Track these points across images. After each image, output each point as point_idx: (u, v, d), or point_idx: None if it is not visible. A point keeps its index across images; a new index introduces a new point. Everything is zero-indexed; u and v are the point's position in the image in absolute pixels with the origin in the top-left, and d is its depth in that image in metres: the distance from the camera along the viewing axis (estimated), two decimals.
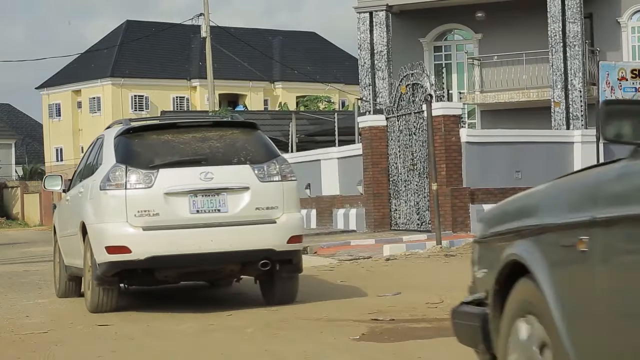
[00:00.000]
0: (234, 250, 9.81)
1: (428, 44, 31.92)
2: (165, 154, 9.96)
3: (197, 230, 9.72)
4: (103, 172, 10.01)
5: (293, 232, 10.02)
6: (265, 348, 7.80)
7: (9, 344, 8.58)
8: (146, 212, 9.67)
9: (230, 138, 10.24)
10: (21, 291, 13.51)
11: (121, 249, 9.67)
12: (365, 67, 30.52)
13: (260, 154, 10.13)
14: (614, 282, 3.26)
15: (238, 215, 9.84)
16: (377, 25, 30.36)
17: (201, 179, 9.77)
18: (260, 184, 9.93)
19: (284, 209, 10.00)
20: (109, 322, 9.69)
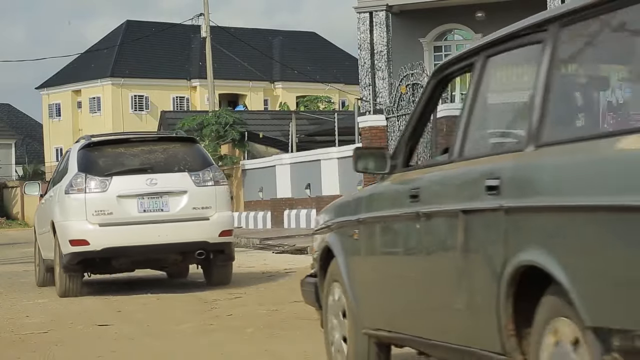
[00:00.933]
0: (175, 242, 11.93)
1: (428, 44, 31.93)
2: (118, 164, 12.11)
3: (144, 226, 11.81)
4: (68, 179, 12.06)
5: (224, 227, 12.14)
6: (265, 348, 7.81)
7: (9, 344, 8.58)
8: (102, 211, 11.79)
9: (172, 150, 12.42)
10: (21, 291, 13.51)
11: (81, 241, 11.75)
12: (365, 67, 30.52)
13: (197, 164, 12.23)
14: (369, 257, 5.45)
15: (178, 213, 11.97)
16: (377, 25, 30.36)
17: (147, 184, 11.91)
18: (197, 188, 12.04)
19: (217, 208, 12.10)
20: (109, 322, 9.71)
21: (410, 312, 5.04)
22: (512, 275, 3.93)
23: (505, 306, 4.01)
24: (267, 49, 66.37)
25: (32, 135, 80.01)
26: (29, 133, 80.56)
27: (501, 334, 4.05)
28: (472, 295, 4.29)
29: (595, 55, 4.03)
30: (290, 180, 28.03)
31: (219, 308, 10.45)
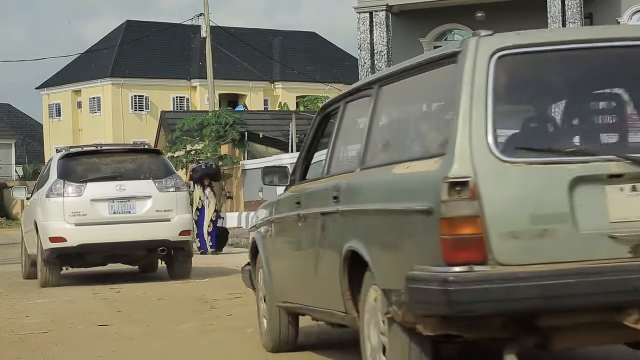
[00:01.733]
0: (140, 240, 13.65)
1: (428, 44, 31.93)
2: (92, 172, 13.88)
3: (113, 226, 13.54)
4: (48, 185, 13.76)
5: (183, 228, 13.91)
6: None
7: (9, 344, 8.59)
8: (77, 213, 13.49)
9: (139, 160, 14.22)
10: (21, 291, 13.52)
11: (59, 238, 13.42)
12: (365, 67, 30.52)
13: (161, 172, 14.04)
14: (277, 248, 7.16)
15: (143, 215, 13.67)
16: (377, 25, 30.37)
17: (117, 190, 13.66)
18: (160, 194, 13.81)
19: (177, 211, 13.87)
20: (109, 322, 9.71)
21: (298, 287, 6.75)
22: (344, 258, 5.59)
23: (343, 279, 5.68)
24: (267, 49, 66.35)
25: (32, 135, 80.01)
26: (29, 133, 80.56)
27: (343, 298, 5.72)
28: (326, 272, 5.95)
29: (395, 106, 5.74)
30: None
31: (219, 308, 10.46)
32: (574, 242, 4.58)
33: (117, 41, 66.60)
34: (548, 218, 4.57)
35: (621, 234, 4.61)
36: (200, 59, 60.46)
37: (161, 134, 41.24)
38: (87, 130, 67.89)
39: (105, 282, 14.18)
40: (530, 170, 4.59)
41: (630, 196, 4.66)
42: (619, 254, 4.59)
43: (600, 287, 4.51)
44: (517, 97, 5.03)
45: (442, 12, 31.18)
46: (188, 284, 13.46)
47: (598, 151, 4.73)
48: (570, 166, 4.62)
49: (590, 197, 4.63)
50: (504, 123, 4.78)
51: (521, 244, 4.54)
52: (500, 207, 4.55)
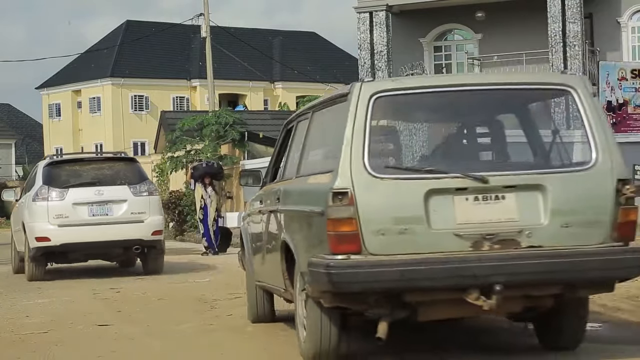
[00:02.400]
0: (117, 239, 14.99)
1: (428, 44, 31.92)
2: (74, 178, 15.21)
3: (93, 227, 14.89)
4: (35, 190, 15.16)
5: (155, 228, 15.27)
6: (265, 348, 7.82)
7: (9, 344, 8.59)
8: (60, 215, 14.83)
9: (116, 168, 15.63)
10: (21, 291, 13.52)
11: (44, 238, 14.81)
12: (365, 67, 30.52)
13: (135, 179, 15.42)
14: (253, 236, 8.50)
15: (119, 217, 15.00)
16: (377, 25, 30.37)
17: (96, 195, 14.99)
18: (134, 198, 15.15)
19: (150, 213, 15.22)
20: (109, 322, 9.71)
21: (262, 269, 8.16)
22: (281, 247, 7.10)
23: (282, 263, 7.15)
24: (267, 49, 66.32)
25: (32, 135, 79.99)
26: (29, 133, 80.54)
27: (283, 278, 7.21)
28: (274, 258, 7.43)
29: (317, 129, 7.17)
30: None
31: (219, 308, 10.45)
32: (428, 238, 6.10)
33: (117, 41, 66.57)
34: (407, 220, 6.09)
35: (465, 233, 6.13)
36: (200, 59, 60.44)
37: (161, 134, 41.22)
38: (87, 130, 67.86)
39: (105, 282, 14.19)
40: (395, 184, 6.15)
41: (473, 205, 6.17)
42: (463, 248, 6.11)
43: (447, 273, 6.03)
44: (388, 128, 6.74)
45: (442, 12, 31.17)
46: (188, 284, 13.46)
47: (448, 170, 6.20)
48: (426, 181, 6.15)
49: (441, 205, 6.14)
50: (377, 148, 6.32)
51: (387, 239, 6.09)
52: (371, 211, 6.10)
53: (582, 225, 6.19)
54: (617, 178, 6.24)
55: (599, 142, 6.38)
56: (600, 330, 8.18)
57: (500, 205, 6.18)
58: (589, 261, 6.14)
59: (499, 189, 6.18)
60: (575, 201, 6.20)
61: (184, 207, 32.08)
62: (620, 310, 9.04)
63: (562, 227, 6.17)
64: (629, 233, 6.27)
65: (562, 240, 6.17)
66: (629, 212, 6.24)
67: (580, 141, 6.53)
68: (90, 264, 17.07)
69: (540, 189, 6.20)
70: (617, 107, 20.94)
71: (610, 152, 6.34)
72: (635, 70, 21.40)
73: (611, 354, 7.07)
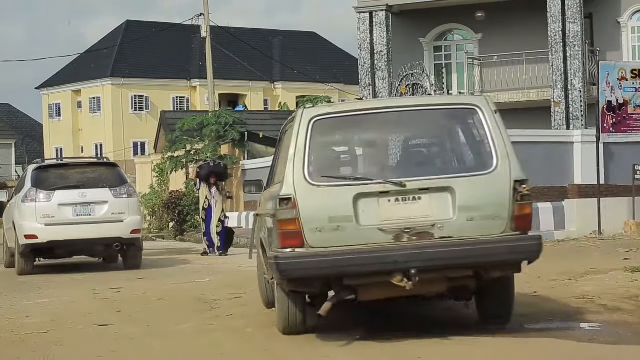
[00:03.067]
0: (99, 237, 16.39)
1: (428, 44, 31.91)
2: (59, 181, 16.53)
3: (77, 226, 16.22)
4: (24, 192, 16.57)
5: (134, 227, 16.58)
6: (265, 348, 7.82)
7: (9, 344, 8.59)
8: (47, 215, 16.20)
9: (98, 172, 16.97)
10: (21, 291, 13.52)
11: (33, 236, 16.22)
12: (365, 67, 30.51)
13: (116, 182, 16.74)
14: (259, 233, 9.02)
15: (101, 217, 16.35)
16: (377, 25, 30.35)
17: (79, 197, 16.34)
18: (115, 199, 16.48)
19: (129, 214, 16.57)
20: (109, 322, 9.71)
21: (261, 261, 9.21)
22: (260, 243, 8.78)
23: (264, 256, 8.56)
24: (267, 49, 66.32)
25: (32, 135, 79.97)
26: (29, 133, 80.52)
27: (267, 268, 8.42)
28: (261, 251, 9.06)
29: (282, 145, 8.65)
30: None
31: (219, 308, 10.45)
32: (357, 233, 7.46)
33: (117, 41, 66.56)
34: (340, 219, 7.47)
35: (387, 228, 7.48)
36: (200, 59, 60.44)
37: (161, 134, 41.21)
38: (87, 130, 67.87)
39: (105, 282, 14.19)
40: (329, 190, 7.55)
41: (394, 205, 7.53)
42: (386, 240, 7.48)
43: (373, 260, 7.40)
44: (325, 145, 7.88)
45: (442, 12, 31.16)
46: (188, 284, 13.46)
47: (373, 178, 7.59)
48: (354, 187, 7.53)
49: (368, 206, 7.50)
50: (315, 161, 7.64)
51: (324, 235, 7.48)
52: (310, 213, 7.48)
53: (485, 218, 7.52)
54: (514, 180, 7.58)
55: (499, 150, 7.65)
56: (601, 330, 8.19)
57: (417, 204, 7.55)
58: (490, 247, 7.48)
59: (415, 191, 7.54)
60: (479, 199, 7.52)
61: (184, 207, 32.07)
62: (620, 310, 9.05)
63: (467, 221, 7.49)
64: (525, 224, 7.64)
65: (469, 232, 7.50)
66: (524, 207, 7.61)
67: (483, 150, 7.72)
68: (75, 260, 17.18)
69: (450, 190, 7.54)
70: (617, 107, 20.89)
71: (509, 158, 7.64)
72: (635, 70, 21.34)
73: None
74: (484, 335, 7.94)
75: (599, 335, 7.86)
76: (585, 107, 27.87)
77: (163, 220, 34.85)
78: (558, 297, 10.00)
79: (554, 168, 21.87)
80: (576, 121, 27.70)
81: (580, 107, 27.87)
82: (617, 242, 17.47)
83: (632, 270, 11.79)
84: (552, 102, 28.20)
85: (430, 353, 7.34)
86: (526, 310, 9.13)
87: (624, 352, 7.25)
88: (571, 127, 27.31)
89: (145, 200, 36.92)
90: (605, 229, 19.63)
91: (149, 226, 36.85)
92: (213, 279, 14.01)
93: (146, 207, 37.00)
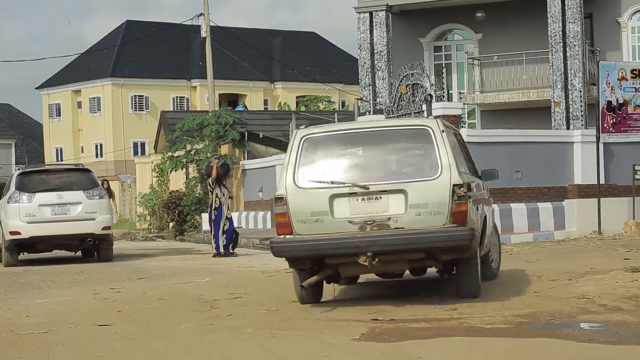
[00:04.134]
0: (74, 233, 19.15)
1: (428, 44, 31.91)
2: (40, 185, 19.33)
3: (55, 223, 19.00)
4: (9, 194, 19.30)
5: (104, 224, 19.36)
6: (265, 348, 7.81)
7: (9, 344, 8.58)
8: (29, 214, 19.06)
9: (74, 177, 19.79)
10: (21, 291, 13.52)
11: (17, 232, 19.01)
12: (365, 67, 30.50)
13: (89, 185, 19.55)
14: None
15: (76, 216, 19.10)
16: (377, 25, 30.34)
17: (57, 198, 19.15)
18: (88, 200, 19.27)
19: (100, 213, 19.34)
20: (109, 322, 9.71)
21: None
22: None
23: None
24: (267, 49, 66.34)
25: (32, 135, 79.97)
26: (29, 133, 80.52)
27: None
28: None
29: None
30: None
31: (219, 308, 10.45)
32: (332, 224, 9.76)
33: (117, 41, 66.58)
34: (319, 213, 9.78)
35: (355, 220, 9.73)
36: (200, 59, 60.42)
37: (161, 134, 41.21)
38: (87, 130, 67.87)
39: (105, 282, 14.19)
40: (312, 191, 9.89)
41: (360, 203, 9.78)
42: (353, 229, 9.73)
43: (342, 245, 9.67)
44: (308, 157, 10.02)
45: (442, 12, 31.15)
46: (188, 284, 13.46)
47: (345, 182, 9.83)
48: (330, 190, 9.83)
49: (340, 203, 9.81)
50: (303, 170, 9.95)
51: (307, 225, 9.84)
52: (297, 208, 9.85)
53: (430, 214, 9.65)
54: (453, 184, 9.62)
55: (444, 162, 9.75)
56: (601, 330, 8.19)
57: (378, 203, 9.77)
58: (432, 236, 9.60)
59: (376, 192, 9.77)
60: (426, 199, 9.67)
61: (184, 207, 32.07)
62: (620, 310, 9.05)
63: (416, 216, 9.64)
64: (462, 218, 9.60)
65: (417, 224, 9.64)
66: (460, 205, 9.61)
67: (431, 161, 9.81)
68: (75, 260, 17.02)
69: (403, 192, 9.71)
70: (617, 107, 20.88)
71: (450, 168, 9.71)
72: (635, 70, 21.33)
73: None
74: (484, 336, 7.94)
75: (599, 335, 7.87)
76: (585, 107, 27.87)
77: (163, 220, 34.86)
78: (558, 297, 10.00)
79: (554, 168, 21.88)
80: (576, 121, 27.70)
81: (580, 107, 27.87)
82: (617, 242, 17.46)
83: (632, 270, 11.79)
84: (552, 102, 28.19)
85: (430, 353, 7.34)
86: (526, 310, 9.13)
87: (624, 352, 7.25)
88: (571, 127, 27.31)
89: (145, 200, 36.95)
90: (605, 229, 19.63)
91: (149, 226, 36.87)
92: (213, 279, 14.00)
93: (146, 207, 37.02)
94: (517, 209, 20.07)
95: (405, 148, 10.02)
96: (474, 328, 8.36)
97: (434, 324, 8.68)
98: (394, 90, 22.29)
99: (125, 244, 28.22)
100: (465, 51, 31.63)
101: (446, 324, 8.68)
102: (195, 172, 33.66)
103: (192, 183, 33.36)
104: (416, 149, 9.96)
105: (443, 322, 8.74)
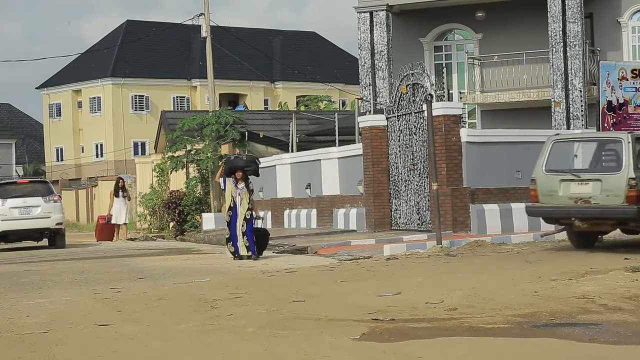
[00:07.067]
0: (35, 228, 26.19)
1: (428, 43, 31.91)
2: (11, 193, 26.44)
3: (21, 220, 25.98)
4: None
5: (58, 221, 26.33)
6: (265, 348, 7.81)
7: (9, 344, 8.58)
8: (3, 215, 25.95)
9: (36, 186, 27.09)
10: (21, 291, 13.51)
11: None
12: (366, 67, 30.51)
13: (46, 192, 26.67)
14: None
15: (36, 215, 26.07)
16: (378, 25, 30.35)
17: (23, 202, 26.19)
18: (45, 204, 26.24)
19: (54, 213, 26.34)
20: (109, 322, 9.70)
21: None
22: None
23: None
24: (267, 48, 66.34)
25: (32, 135, 79.97)
26: (29, 133, 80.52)
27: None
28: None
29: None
30: (291, 180, 28.01)
31: (219, 308, 10.44)
32: (559, 198, 14.95)
33: (117, 41, 66.56)
34: (552, 191, 15.08)
35: (571, 197, 14.88)
36: (201, 59, 60.41)
37: (161, 133, 41.19)
38: (87, 130, 67.85)
39: (105, 282, 14.19)
40: (548, 176, 15.20)
41: (576, 186, 14.86)
42: (569, 203, 14.98)
43: (563, 212, 15.06)
44: (551, 154, 15.38)
45: (442, 12, 31.16)
46: (188, 284, 13.45)
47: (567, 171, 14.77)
48: (559, 176, 15.26)
49: (564, 185, 15.04)
50: (549, 162, 14.80)
51: (545, 197, 15.07)
52: (542, 186, 15.12)
53: (614, 196, 14.11)
54: (628, 177, 13.86)
55: (625, 162, 14.40)
56: (601, 330, 8.18)
57: (585, 186, 14.25)
58: (613, 210, 14.38)
59: (585, 180, 14.64)
60: (612, 186, 13.99)
61: (184, 207, 32.08)
62: (620, 310, 9.05)
63: (606, 196, 13.88)
64: (632, 200, 14.01)
65: (606, 202, 14.02)
66: (631, 191, 13.49)
67: (619, 162, 14.37)
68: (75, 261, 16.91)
69: (600, 181, 14.25)
70: (617, 106, 20.88)
71: (629, 167, 14.03)
72: (635, 69, 21.33)
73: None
74: (484, 335, 7.94)
75: (599, 335, 7.86)
76: (585, 107, 27.87)
77: (163, 220, 34.86)
78: (558, 297, 10.00)
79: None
80: (576, 121, 27.70)
81: (580, 107, 27.87)
82: (617, 242, 17.45)
83: (632, 270, 11.79)
84: (552, 102, 28.19)
85: (431, 353, 7.34)
86: (526, 310, 9.13)
87: (624, 352, 7.25)
88: (571, 127, 27.30)
89: (146, 200, 36.94)
90: None
91: (149, 226, 36.87)
92: (213, 279, 14.00)
93: (146, 207, 37.01)
94: (517, 209, 20.07)
95: (605, 150, 14.73)
96: (474, 328, 8.36)
97: (434, 323, 8.67)
98: (394, 90, 22.29)
99: (126, 244, 28.24)
100: (465, 51, 31.63)
101: (446, 323, 8.67)
102: (195, 172, 33.68)
103: (192, 183, 33.37)
104: (611, 152, 14.48)
105: (443, 322, 8.74)
